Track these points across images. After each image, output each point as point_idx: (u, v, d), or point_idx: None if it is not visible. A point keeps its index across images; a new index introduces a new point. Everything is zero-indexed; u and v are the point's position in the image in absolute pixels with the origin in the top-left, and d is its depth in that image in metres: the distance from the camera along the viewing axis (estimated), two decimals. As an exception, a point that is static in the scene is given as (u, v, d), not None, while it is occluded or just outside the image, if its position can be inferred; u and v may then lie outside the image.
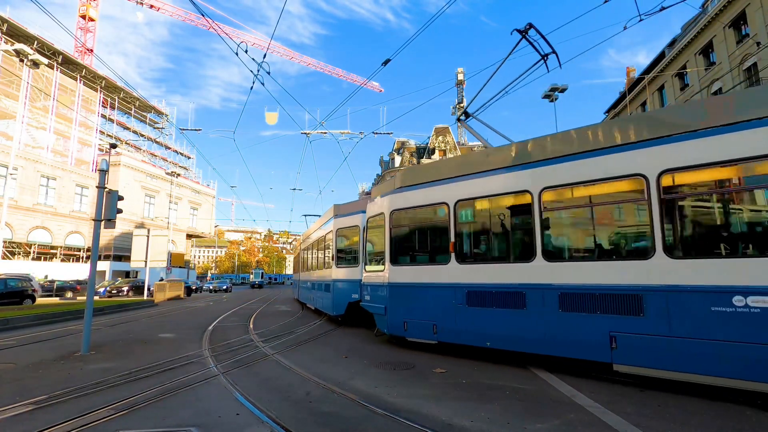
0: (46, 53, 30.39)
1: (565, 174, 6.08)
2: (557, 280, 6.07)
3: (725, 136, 4.83)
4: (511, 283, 6.53)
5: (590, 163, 5.82)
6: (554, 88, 25.10)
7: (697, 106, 5.50)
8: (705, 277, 4.84)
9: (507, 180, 6.80)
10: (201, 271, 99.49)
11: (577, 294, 5.83)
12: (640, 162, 5.38)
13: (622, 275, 5.49)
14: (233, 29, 53.11)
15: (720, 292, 4.71)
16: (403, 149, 63.12)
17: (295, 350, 7.94)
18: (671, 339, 4.99)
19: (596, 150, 5.83)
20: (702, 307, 4.82)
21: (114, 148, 37.38)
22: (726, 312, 4.62)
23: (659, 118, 5.56)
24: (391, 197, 8.71)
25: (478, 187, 7.20)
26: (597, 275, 5.71)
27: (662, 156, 5.23)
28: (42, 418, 4.02)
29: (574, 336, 5.81)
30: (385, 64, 10.68)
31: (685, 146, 5.08)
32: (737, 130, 4.77)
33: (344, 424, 3.96)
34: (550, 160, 6.28)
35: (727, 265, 4.76)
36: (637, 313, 5.27)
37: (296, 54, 59.92)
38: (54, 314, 13.24)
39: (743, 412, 4.36)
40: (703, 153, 4.94)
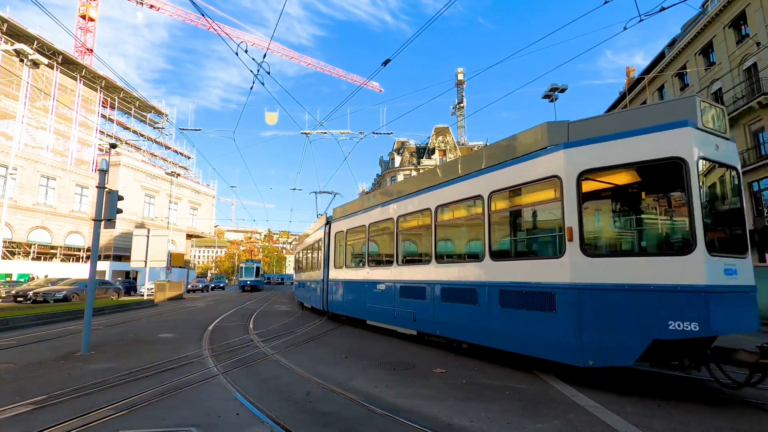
0: (46, 53, 30.37)
1: (450, 194, 7.82)
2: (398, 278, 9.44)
3: (521, 164, 6.32)
4: (384, 279, 9.86)
5: (462, 186, 7.49)
6: (554, 88, 25.10)
7: (510, 142, 6.82)
8: (506, 275, 6.43)
9: (412, 203, 8.98)
10: (201, 271, 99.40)
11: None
12: (480, 185, 7.05)
13: (463, 274, 7.38)
14: (233, 29, 53.13)
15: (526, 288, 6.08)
16: (403, 149, 63.11)
17: (295, 350, 7.93)
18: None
19: (462, 176, 7.58)
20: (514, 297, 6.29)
21: (114, 148, 37.37)
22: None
23: (494, 150, 7.12)
24: (333, 224, 13.53)
25: (386, 213, 10.07)
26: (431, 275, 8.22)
27: (491, 180, 6.82)
28: (42, 418, 4.02)
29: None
30: (385, 64, 10.68)
31: (504, 172, 6.60)
32: (522, 161, 6.29)
33: (344, 424, 3.95)
34: (441, 184, 8.12)
35: (533, 265, 6.05)
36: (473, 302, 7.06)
37: (296, 54, 59.94)
38: (54, 314, 13.23)
39: (743, 412, 4.36)
40: (513, 176, 6.44)
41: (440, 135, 61.82)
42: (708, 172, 5.15)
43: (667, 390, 5.20)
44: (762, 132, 21.88)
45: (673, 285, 4.70)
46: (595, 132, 5.49)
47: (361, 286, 10.94)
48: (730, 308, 4.78)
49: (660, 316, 4.71)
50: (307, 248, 18.37)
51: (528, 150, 6.22)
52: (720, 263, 4.80)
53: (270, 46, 12.01)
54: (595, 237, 5.64)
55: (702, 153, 4.91)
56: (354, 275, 11.54)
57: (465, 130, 72.62)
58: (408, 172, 60.86)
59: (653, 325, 4.74)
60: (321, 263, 14.60)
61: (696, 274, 4.64)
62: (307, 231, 20.43)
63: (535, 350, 5.81)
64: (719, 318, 4.56)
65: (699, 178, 4.81)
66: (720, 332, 4.67)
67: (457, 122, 71.69)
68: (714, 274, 4.67)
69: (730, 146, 5.38)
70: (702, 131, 5.00)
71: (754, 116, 21.75)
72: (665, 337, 4.67)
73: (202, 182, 52.23)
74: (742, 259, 5.14)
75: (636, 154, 5.12)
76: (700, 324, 4.51)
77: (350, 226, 12.09)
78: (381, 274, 10.01)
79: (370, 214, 10.83)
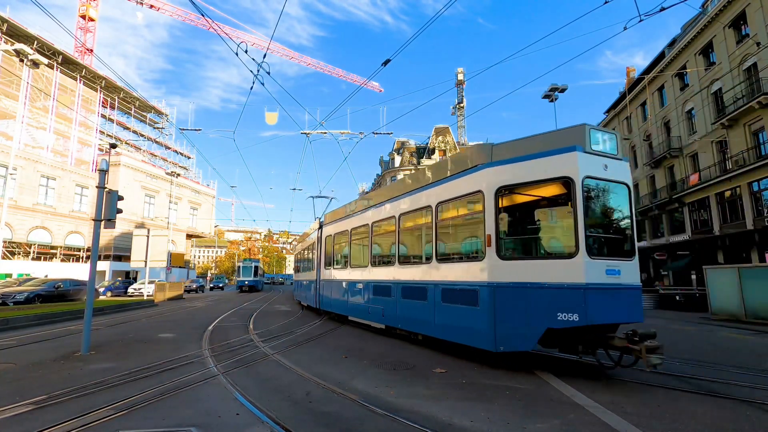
0: (46, 53, 30.36)
1: (409, 204, 8.89)
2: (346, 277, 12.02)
3: (458, 180, 7.22)
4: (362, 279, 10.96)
5: (418, 197, 8.52)
6: (554, 88, 25.10)
7: (453, 159, 7.78)
8: (447, 275, 7.36)
9: (382, 211, 10.07)
10: (201, 271, 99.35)
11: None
12: (430, 197, 8.02)
13: (417, 275, 8.32)
14: (233, 29, 53.12)
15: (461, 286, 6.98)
16: (403, 149, 63.11)
17: (295, 350, 7.94)
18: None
19: (418, 188, 8.61)
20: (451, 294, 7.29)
21: (114, 148, 37.35)
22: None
23: (441, 166, 8.01)
24: (324, 228, 14.71)
25: (363, 220, 11.07)
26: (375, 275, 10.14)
27: (437, 193, 7.79)
28: (42, 418, 4.02)
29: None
30: (385, 64, 10.68)
31: (446, 186, 7.54)
32: (459, 177, 7.18)
33: (344, 424, 3.95)
34: (402, 195, 9.14)
35: (464, 267, 6.98)
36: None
37: (296, 54, 59.91)
38: (54, 314, 13.23)
39: (743, 412, 4.36)
40: (452, 190, 7.35)
41: (440, 135, 61.82)
42: (595, 188, 6.05)
43: (668, 390, 5.20)
44: (762, 132, 21.87)
45: (561, 283, 5.64)
46: (512, 154, 6.41)
47: (344, 285, 12.27)
48: (608, 302, 5.64)
49: (551, 309, 5.63)
50: (304, 250, 19.62)
51: (464, 167, 7.17)
52: (601, 265, 5.70)
53: (270, 46, 12.01)
54: (507, 243, 6.45)
55: (588, 173, 5.79)
56: (339, 275, 12.69)
57: (465, 130, 72.59)
58: (408, 172, 60.89)
59: (546, 317, 5.65)
60: (314, 264, 15.80)
61: (577, 274, 5.55)
62: (304, 234, 21.57)
63: (465, 339, 6.80)
64: (596, 310, 5.46)
65: (583, 193, 5.69)
66: (596, 321, 5.51)
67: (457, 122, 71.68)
68: (593, 274, 5.57)
69: (621, 165, 6.22)
70: (590, 154, 5.89)
71: (754, 116, 21.75)
72: (555, 326, 5.58)
73: (202, 182, 52.24)
74: (627, 261, 6.06)
75: (538, 174, 6.08)
76: (580, 315, 5.44)
77: (336, 231, 13.20)
78: (359, 275, 11.11)
79: (352, 220, 11.86)
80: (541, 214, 6.69)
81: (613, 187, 6.18)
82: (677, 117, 28.58)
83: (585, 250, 5.56)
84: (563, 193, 5.99)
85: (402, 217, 9.06)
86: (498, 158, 6.51)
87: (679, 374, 6.05)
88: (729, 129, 23.44)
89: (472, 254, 6.98)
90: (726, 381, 5.66)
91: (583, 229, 5.58)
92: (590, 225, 5.81)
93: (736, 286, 14.23)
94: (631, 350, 5.35)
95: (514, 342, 5.98)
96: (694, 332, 11.53)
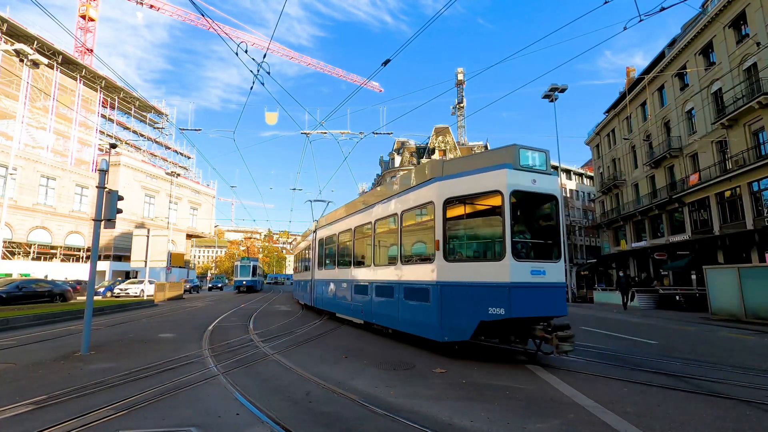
0: (46, 53, 30.36)
1: (381, 211, 9.61)
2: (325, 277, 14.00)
3: (416, 191, 8.10)
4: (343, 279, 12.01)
5: (388, 205, 9.35)
6: (554, 88, 25.14)
7: (414, 172, 8.52)
8: (409, 275, 8.18)
9: (362, 217, 10.87)
10: (201, 271, 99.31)
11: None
12: (397, 205, 8.87)
13: (387, 275, 9.12)
14: (233, 29, 53.11)
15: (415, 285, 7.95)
16: (403, 149, 63.11)
17: (295, 350, 7.94)
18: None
19: (388, 197, 9.49)
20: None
21: (114, 148, 37.34)
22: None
23: (406, 178, 8.87)
24: (318, 231, 15.65)
25: (347, 225, 11.98)
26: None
27: (402, 202, 8.73)
28: (42, 418, 4.02)
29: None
30: (385, 64, 10.68)
31: (407, 197, 8.47)
32: (417, 189, 8.06)
33: (344, 424, 3.95)
34: (377, 203, 9.96)
35: (421, 268, 7.73)
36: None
37: (296, 54, 59.88)
38: (54, 314, 13.22)
39: (743, 412, 4.36)
40: (412, 200, 8.24)
41: (440, 135, 61.80)
42: (523, 199, 6.91)
43: (668, 390, 5.20)
44: (762, 132, 21.87)
45: (491, 282, 6.49)
46: (458, 169, 7.24)
47: (330, 284, 13.34)
48: (531, 298, 6.44)
49: (484, 304, 6.47)
50: (302, 251, 20.89)
51: (422, 180, 7.97)
52: (527, 266, 6.49)
53: (270, 46, 12.01)
54: (452, 247, 7.24)
55: (516, 186, 6.59)
56: (329, 276, 13.62)
57: (465, 130, 72.59)
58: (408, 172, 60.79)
59: (480, 311, 6.49)
60: (310, 265, 16.90)
61: (504, 274, 6.38)
62: (303, 235, 22.90)
63: (421, 332, 7.69)
64: (519, 305, 6.29)
65: (510, 204, 6.48)
66: (520, 315, 6.31)
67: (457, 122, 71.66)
68: (518, 274, 6.37)
69: (550, 179, 6.98)
70: (519, 170, 6.68)
71: (754, 116, 21.75)
72: (487, 319, 6.43)
73: (202, 182, 52.23)
74: (553, 263, 6.81)
75: (476, 187, 6.93)
76: (505, 309, 6.28)
77: (327, 234, 14.18)
78: (344, 275, 11.95)
79: (339, 225, 12.76)
80: (479, 221, 7.48)
81: (542, 198, 7.05)
82: (677, 117, 28.58)
83: (511, 254, 6.39)
84: (494, 204, 6.78)
85: (377, 223, 9.84)
86: (447, 173, 7.36)
87: (679, 374, 6.06)
88: (729, 129, 23.44)
89: (425, 257, 7.73)
90: (726, 381, 5.66)
91: (509, 235, 6.42)
92: (518, 231, 6.84)
93: (736, 286, 14.23)
94: (547, 339, 6.28)
95: (456, 333, 6.88)
96: (694, 332, 11.53)
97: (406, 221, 8.48)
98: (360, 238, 11.01)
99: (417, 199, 8.05)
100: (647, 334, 10.75)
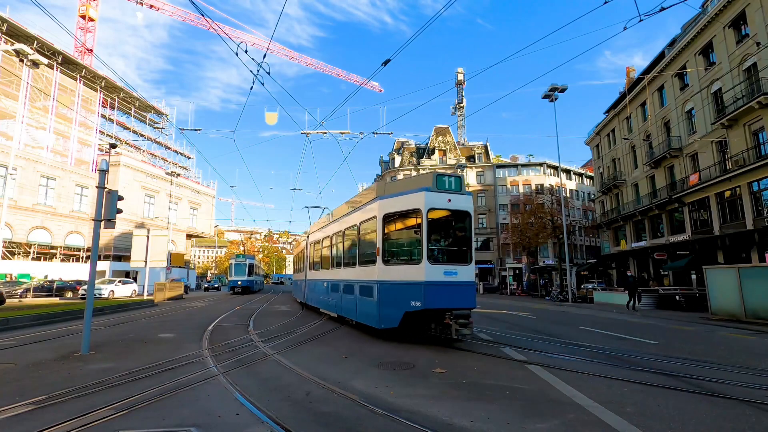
0: (45, 53, 30.35)
1: (349, 221, 11.11)
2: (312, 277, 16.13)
3: (367, 207, 9.75)
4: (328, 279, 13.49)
5: (351, 216, 10.93)
6: (554, 88, 25.14)
7: (368, 190, 10.36)
8: (364, 276, 9.67)
9: (337, 225, 12.49)
10: (201, 271, 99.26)
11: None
12: (356, 218, 10.41)
13: (350, 275, 10.82)
14: (233, 29, 53.10)
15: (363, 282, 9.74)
16: (403, 149, 63.08)
17: (294, 350, 7.94)
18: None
19: (353, 210, 11.05)
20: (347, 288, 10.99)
21: (114, 148, 37.33)
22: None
23: (363, 195, 10.73)
24: (310, 236, 17.61)
25: (329, 231, 13.52)
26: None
27: (359, 215, 10.27)
28: (42, 418, 4.02)
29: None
30: (385, 64, 10.68)
31: (361, 211, 10.14)
32: (368, 205, 9.71)
33: (344, 424, 3.95)
34: (346, 214, 11.60)
35: (370, 269, 9.32)
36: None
37: (296, 54, 59.87)
38: (54, 314, 13.22)
39: (743, 412, 4.36)
40: (364, 214, 9.87)
41: (440, 135, 61.77)
42: (439, 216, 8.46)
43: (668, 390, 5.20)
44: (762, 132, 21.87)
45: (412, 281, 8.07)
46: (394, 191, 8.97)
47: (317, 283, 15.14)
48: (443, 293, 7.98)
49: (407, 298, 8.04)
50: (298, 254, 23.06)
51: (372, 198, 9.57)
52: (440, 268, 8.05)
53: (270, 46, 12.01)
54: (387, 253, 8.82)
55: (432, 206, 8.22)
56: (316, 276, 15.40)
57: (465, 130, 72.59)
58: (408, 172, 60.88)
59: (405, 304, 8.09)
60: (304, 266, 18.92)
61: (421, 275, 7.93)
62: (301, 237, 24.85)
63: (368, 321, 9.43)
64: (432, 299, 7.86)
65: (427, 220, 8.06)
66: (433, 306, 7.92)
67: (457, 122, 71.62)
68: (432, 274, 7.92)
69: (464, 198, 8.61)
70: (436, 192, 8.31)
71: (754, 116, 21.75)
72: (410, 310, 8.02)
73: (202, 182, 52.20)
74: (464, 266, 8.39)
75: (405, 205, 8.56)
76: (422, 302, 7.86)
77: (315, 240, 16.06)
78: (325, 275, 13.74)
79: (324, 231, 14.37)
80: (407, 233, 8.96)
81: (456, 213, 8.58)
82: (677, 117, 28.58)
83: (427, 258, 7.95)
84: (416, 220, 8.37)
85: (345, 231, 11.46)
86: (387, 193, 9.01)
87: (679, 374, 6.06)
88: (729, 129, 23.44)
89: (372, 261, 9.16)
90: (726, 381, 5.67)
91: (426, 243, 7.97)
92: (434, 240, 8.37)
93: (736, 286, 14.22)
94: (450, 326, 7.95)
95: (389, 321, 8.48)
96: (694, 332, 11.53)
97: (362, 231, 10.01)
98: (336, 243, 12.63)
99: (366, 214, 9.69)
100: (647, 334, 10.75)
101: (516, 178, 58.48)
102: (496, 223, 56.54)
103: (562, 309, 20.74)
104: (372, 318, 9.09)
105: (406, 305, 8.04)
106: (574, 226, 49.72)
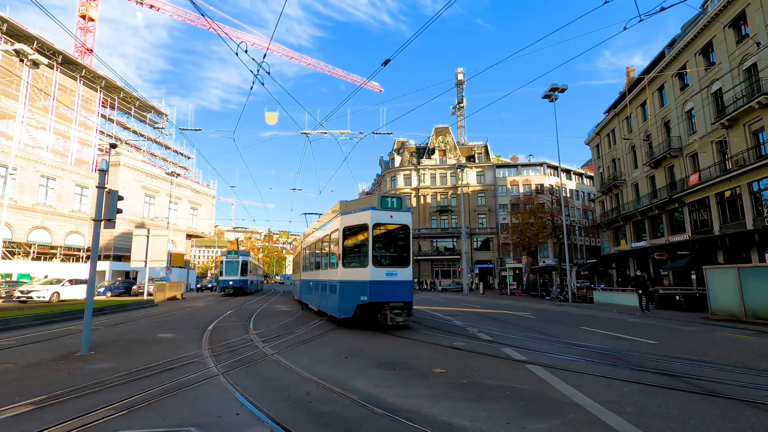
0: (46, 53, 30.35)
1: (329, 229, 12.57)
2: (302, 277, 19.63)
3: (334, 220, 11.83)
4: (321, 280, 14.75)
5: (328, 226, 12.73)
6: (554, 88, 25.13)
7: (338, 206, 12.08)
8: (333, 276, 11.64)
9: (319, 233, 14.67)
10: (201, 271, 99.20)
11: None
12: (331, 228, 12.16)
13: (326, 276, 12.80)
14: (233, 29, 53.09)
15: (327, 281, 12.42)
16: (403, 149, 63.07)
17: (294, 350, 7.93)
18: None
19: (329, 221, 12.88)
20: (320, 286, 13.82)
21: (114, 148, 37.34)
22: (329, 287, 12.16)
23: (335, 209, 12.45)
24: (303, 240, 20.46)
25: (318, 236, 15.03)
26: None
27: (333, 225, 12.07)
28: (42, 418, 4.02)
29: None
30: (385, 64, 10.69)
31: (332, 223, 12.18)
32: (334, 219, 11.75)
33: (344, 424, 3.95)
34: (326, 223, 13.39)
35: (335, 271, 11.38)
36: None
37: (296, 54, 59.85)
38: (54, 314, 13.22)
39: (743, 412, 4.36)
40: (333, 226, 11.84)
41: (440, 135, 61.77)
42: (383, 229, 10.77)
43: (668, 390, 5.20)
44: (762, 132, 21.87)
45: (361, 280, 10.30)
46: (351, 209, 11.19)
47: (307, 283, 17.41)
48: (385, 290, 10.28)
49: (358, 294, 10.26)
50: (295, 256, 25.51)
51: (336, 213, 11.63)
52: (382, 270, 10.32)
53: (270, 46, 12.02)
54: (346, 259, 10.93)
55: (377, 221, 10.52)
56: (307, 276, 17.63)
57: (465, 130, 72.59)
58: (408, 172, 60.89)
59: (356, 298, 10.27)
60: (298, 267, 21.79)
61: (367, 275, 10.21)
62: (298, 242, 27.19)
63: (333, 312, 11.61)
64: (375, 294, 10.17)
65: (373, 233, 10.38)
66: (376, 300, 10.20)
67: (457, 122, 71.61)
68: (376, 275, 10.19)
69: (404, 215, 10.96)
70: (380, 210, 10.64)
71: (754, 116, 21.75)
72: (360, 303, 10.18)
73: (202, 182, 52.20)
74: (403, 268, 10.66)
75: (357, 221, 10.77)
76: (368, 297, 10.12)
77: (306, 244, 18.36)
78: (312, 276, 15.95)
79: (313, 236, 16.09)
80: (360, 242, 10.91)
81: (397, 228, 10.94)
82: (677, 117, 28.58)
83: (372, 263, 10.24)
84: (365, 233, 10.55)
85: (323, 239, 13.44)
86: (347, 210, 11.17)
87: (679, 374, 6.06)
88: (729, 129, 23.44)
89: (335, 265, 11.28)
90: (726, 381, 5.66)
91: (371, 250, 10.28)
92: (378, 248, 10.55)
93: (736, 286, 14.22)
94: (386, 315, 10.30)
95: (346, 312, 10.54)
96: (694, 332, 11.53)
97: (332, 240, 11.87)
98: (317, 249, 14.70)
99: (333, 226, 11.67)
100: (647, 334, 10.75)
101: (516, 178, 58.51)
102: (496, 223, 56.57)
103: (562, 309, 20.74)
104: (335, 310, 11.22)
105: (357, 299, 10.20)
106: (574, 226, 49.74)
